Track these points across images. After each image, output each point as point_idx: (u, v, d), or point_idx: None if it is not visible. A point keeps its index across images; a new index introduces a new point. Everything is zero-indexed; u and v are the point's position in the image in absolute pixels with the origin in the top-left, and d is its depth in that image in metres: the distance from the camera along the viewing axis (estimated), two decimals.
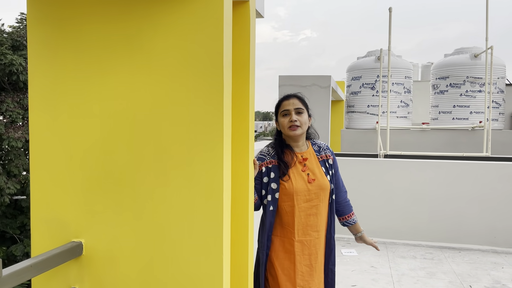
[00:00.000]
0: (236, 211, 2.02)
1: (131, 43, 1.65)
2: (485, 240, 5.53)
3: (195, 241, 1.65)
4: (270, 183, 2.20)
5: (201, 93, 1.61)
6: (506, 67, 8.43)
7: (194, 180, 1.63)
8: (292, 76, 7.47)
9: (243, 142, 2.00)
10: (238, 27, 1.91)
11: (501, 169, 5.51)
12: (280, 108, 2.29)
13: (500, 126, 8.10)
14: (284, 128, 2.25)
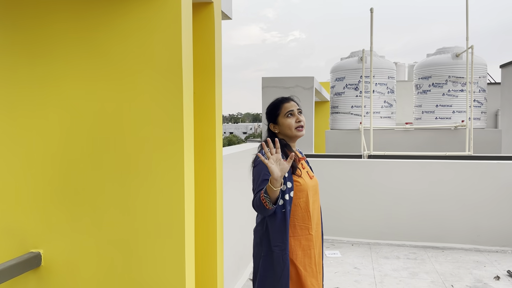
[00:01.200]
0: (202, 216, 1.98)
1: (86, 46, 1.60)
2: (468, 239, 5.56)
3: (157, 249, 1.61)
4: (285, 183, 2.16)
5: (160, 97, 1.57)
6: (488, 66, 8.51)
7: (155, 187, 1.59)
8: (275, 78, 7.44)
9: (209, 146, 1.96)
10: (201, 28, 1.87)
11: (483, 168, 5.54)
12: (281, 110, 2.29)
13: (483, 125, 8.17)
14: (290, 128, 2.26)
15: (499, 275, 4.50)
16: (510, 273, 4.51)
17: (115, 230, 1.61)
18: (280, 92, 7.42)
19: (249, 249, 4.89)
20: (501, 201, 5.45)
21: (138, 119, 1.57)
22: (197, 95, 1.93)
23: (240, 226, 4.55)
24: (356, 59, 8.18)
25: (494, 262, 4.94)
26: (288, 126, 2.26)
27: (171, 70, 1.53)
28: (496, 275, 4.50)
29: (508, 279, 4.42)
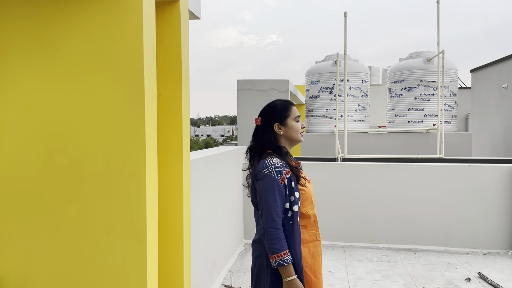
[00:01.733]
0: (167, 222, 1.90)
1: (43, 45, 1.51)
2: (439, 240, 5.63)
3: (117, 258, 1.52)
4: (293, 193, 2.12)
5: (120, 98, 1.49)
6: (458, 71, 8.71)
7: (114, 193, 1.50)
8: (250, 81, 7.40)
9: (175, 149, 1.88)
10: (167, 28, 1.79)
11: (453, 171, 5.63)
12: (292, 112, 2.26)
13: (453, 129, 8.34)
14: (296, 133, 2.25)
15: (470, 277, 4.56)
16: (481, 275, 4.58)
17: (71, 239, 1.52)
18: (255, 95, 7.37)
19: (223, 253, 4.83)
20: (471, 203, 5.55)
21: (95, 121, 1.49)
22: (163, 97, 1.85)
23: (214, 231, 4.47)
24: (331, 62, 8.22)
25: (465, 264, 5.02)
26: (297, 129, 2.25)
27: (132, 71, 1.46)
28: (467, 277, 4.56)
29: (479, 281, 4.48)
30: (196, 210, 3.84)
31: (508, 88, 8.37)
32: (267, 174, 2.07)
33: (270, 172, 2.07)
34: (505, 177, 5.49)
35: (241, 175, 5.92)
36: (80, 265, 1.55)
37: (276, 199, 2.04)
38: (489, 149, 9.33)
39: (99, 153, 1.52)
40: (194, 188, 3.75)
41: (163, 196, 1.94)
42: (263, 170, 2.09)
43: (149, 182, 1.51)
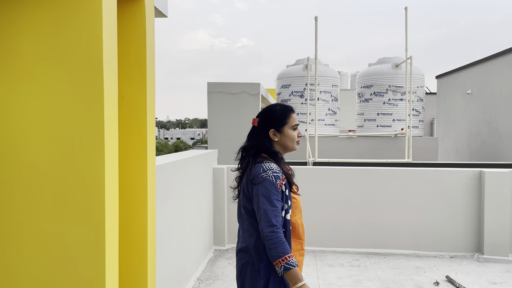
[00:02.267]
0: (130, 235, 1.77)
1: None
2: (408, 244, 5.68)
3: (73, 271, 1.39)
4: (287, 201, 2.10)
5: (77, 100, 1.36)
6: (425, 76, 8.90)
7: (68, 203, 1.37)
8: (221, 83, 7.29)
9: (139, 153, 1.75)
10: (130, 25, 1.67)
11: (421, 175, 5.71)
12: (290, 120, 2.21)
13: (420, 133, 8.50)
14: (292, 141, 2.21)
15: (438, 281, 4.60)
16: (449, 278, 4.63)
17: (20, 253, 1.37)
18: (226, 98, 7.27)
19: (191, 261, 4.69)
20: (438, 207, 5.64)
21: (48, 124, 1.35)
22: (126, 98, 1.73)
23: (182, 238, 4.33)
24: (302, 66, 8.23)
25: (433, 268, 5.07)
26: (292, 138, 2.20)
27: (90, 70, 1.34)
28: (436, 281, 4.60)
29: (447, 284, 4.53)
30: (164, 217, 3.69)
31: (472, 94, 8.62)
32: (266, 179, 2.03)
33: (268, 177, 2.03)
34: (471, 181, 5.61)
35: (211, 179, 5.80)
36: (30, 280, 1.41)
37: (275, 204, 2.00)
38: (454, 153, 9.58)
39: (52, 159, 1.38)
40: (161, 194, 3.61)
41: (126, 204, 1.81)
42: (261, 174, 2.04)
43: (109, 190, 1.39)
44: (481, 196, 5.54)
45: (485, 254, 5.47)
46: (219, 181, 5.88)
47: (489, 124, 7.89)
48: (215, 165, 6.07)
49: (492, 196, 5.45)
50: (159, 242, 3.58)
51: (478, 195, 5.59)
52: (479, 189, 5.59)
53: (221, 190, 5.88)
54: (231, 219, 5.99)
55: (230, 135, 7.24)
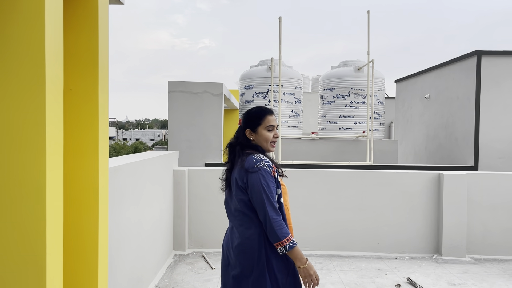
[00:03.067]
0: (78, 245, 1.58)
1: None
2: (369, 246, 5.71)
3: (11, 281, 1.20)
4: (280, 187, 2.32)
5: (14, 93, 1.17)
6: (386, 80, 9.07)
7: (4, 212, 1.18)
8: (183, 82, 7.07)
9: (89, 154, 1.57)
10: (80, 12, 1.49)
11: (382, 177, 5.75)
12: (265, 121, 2.35)
13: (381, 136, 8.64)
14: (267, 142, 2.35)
15: (399, 283, 4.62)
16: (410, 280, 4.66)
17: None
18: (187, 98, 7.06)
19: (150, 267, 4.47)
20: (399, 209, 5.70)
21: None
22: (75, 92, 1.54)
23: (140, 244, 4.10)
24: (265, 67, 8.15)
25: (394, 270, 5.10)
26: (266, 139, 2.34)
27: (30, 62, 1.15)
28: (397, 283, 4.62)
29: (408, 286, 4.56)
30: (120, 222, 3.47)
31: (430, 98, 8.85)
32: (261, 168, 2.21)
33: (262, 166, 2.22)
34: (430, 184, 5.71)
35: (171, 181, 5.58)
36: None
37: (272, 191, 2.19)
38: (412, 156, 9.81)
39: None
40: (117, 198, 3.38)
41: (73, 209, 1.62)
42: (256, 164, 2.22)
43: (51, 194, 1.21)
44: (440, 198, 5.65)
45: (443, 255, 5.58)
46: (180, 183, 5.68)
47: (446, 128, 8.12)
48: (176, 166, 5.86)
49: (450, 198, 5.57)
50: (115, 249, 3.35)
51: (437, 197, 5.70)
52: (438, 191, 5.69)
53: (182, 192, 5.68)
54: (192, 223, 5.80)
55: (191, 136, 7.03)
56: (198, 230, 5.81)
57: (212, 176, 5.82)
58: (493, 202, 5.69)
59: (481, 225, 5.69)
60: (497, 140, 7.18)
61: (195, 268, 5.10)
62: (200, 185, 5.81)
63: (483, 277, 4.86)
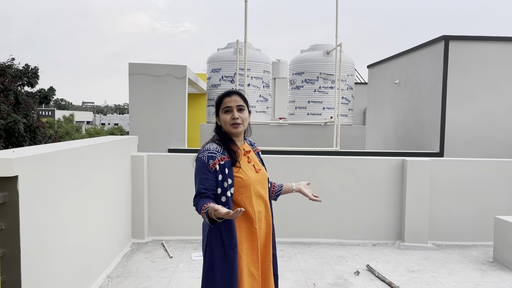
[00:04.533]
0: None
1: None
2: (333, 233, 5.64)
3: None
4: (226, 180, 2.24)
5: None
6: (359, 66, 8.97)
7: None
8: (144, 64, 6.80)
9: None
10: None
11: (346, 163, 5.66)
12: (221, 104, 2.35)
13: (350, 122, 8.55)
14: (226, 124, 2.32)
15: (359, 270, 4.56)
16: (369, 267, 4.61)
17: None
18: (149, 81, 6.79)
19: (100, 257, 4.27)
20: (363, 195, 5.64)
21: None
22: None
23: (87, 234, 3.89)
24: (232, 50, 7.91)
25: (355, 256, 5.05)
26: (224, 121, 2.32)
27: None
28: (356, 270, 4.55)
29: (367, 274, 4.50)
30: (58, 212, 3.25)
31: (400, 84, 8.80)
32: (200, 159, 2.26)
33: (202, 157, 2.25)
34: (394, 170, 5.65)
35: (129, 167, 5.36)
36: None
37: (202, 182, 2.21)
38: (382, 142, 9.80)
39: None
40: (53, 186, 3.16)
41: None
42: (199, 154, 2.28)
43: None
44: (404, 184, 5.61)
45: (405, 241, 5.56)
46: (138, 169, 5.46)
47: (414, 114, 8.10)
48: (135, 152, 5.63)
49: (413, 184, 5.53)
50: (53, 240, 3.15)
51: (400, 183, 5.65)
52: (402, 178, 5.65)
53: (141, 179, 5.47)
54: (152, 211, 5.61)
55: (153, 120, 6.79)
56: (158, 217, 5.63)
57: (174, 162, 5.63)
58: (455, 188, 5.68)
59: (444, 211, 5.68)
60: (463, 126, 7.18)
61: (152, 257, 4.93)
62: (161, 171, 5.60)
63: (443, 264, 4.85)
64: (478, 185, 5.68)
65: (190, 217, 5.59)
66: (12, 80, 16.62)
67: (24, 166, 2.70)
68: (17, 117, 14.74)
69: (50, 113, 54.38)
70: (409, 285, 4.20)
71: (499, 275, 4.52)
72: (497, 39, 7.15)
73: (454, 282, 4.32)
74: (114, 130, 50.48)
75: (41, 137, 16.36)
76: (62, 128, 34.40)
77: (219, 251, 2.24)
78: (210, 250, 2.26)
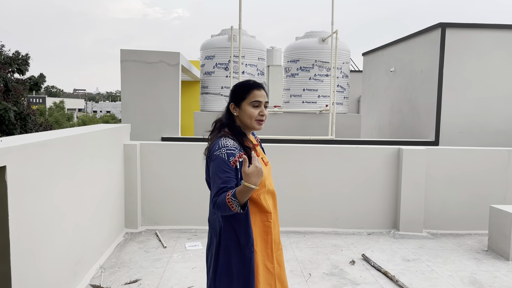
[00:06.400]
0: None
1: None
2: (328, 222, 5.61)
3: None
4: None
5: None
6: (354, 55, 8.86)
7: None
8: (136, 51, 6.66)
9: None
10: None
11: (342, 152, 5.61)
12: (249, 95, 2.18)
13: (345, 110, 8.49)
14: (251, 119, 2.18)
15: (354, 260, 4.54)
16: (365, 257, 4.59)
17: None
18: (142, 68, 6.66)
19: (93, 248, 4.20)
20: (358, 184, 5.60)
21: None
22: None
23: (80, 224, 3.82)
24: (226, 37, 7.76)
25: (350, 246, 5.03)
26: (250, 115, 2.18)
27: None
28: (352, 260, 4.53)
29: (363, 263, 4.48)
30: (49, 202, 3.17)
31: (395, 72, 8.73)
32: (218, 156, 2.08)
33: (221, 154, 2.08)
34: (389, 159, 5.61)
35: (121, 156, 5.27)
36: None
37: (225, 181, 2.03)
38: (377, 131, 9.77)
39: None
40: (44, 176, 3.07)
41: None
42: (216, 151, 2.09)
43: None
44: (399, 173, 5.58)
45: (400, 230, 5.55)
46: (131, 158, 5.37)
47: (409, 102, 8.05)
48: (127, 141, 5.53)
49: (408, 172, 5.50)
50: (43, 231, 3.07)
51: (396, 172, 5.62)
52: (397, 166, 5.61)
53: (134, 168, 5.38)
54: (145, 200, 5.53)
55: (146, 108, 6.68)
56: (152, 207, 5.56)
57: (167, 151, 5.54)
58: (451, 177, 5.66)
59: (439, 200, 5.67)
60: (459, 114, 7.15)
61: (146, 247, 4.87)
62: (154, 160, 5.52)
63: (438, 252, 4.85)
64: (474, 174, 5.66)
65: (184, 206, 5.53)
66: (1, 67, 16.33)
67: (12, 156, 2.61)
68: (7, 104, 14.52)
69: (41, 100, 53.77)
70: (404, 274, 4.19)
71: (494, 264, 4.52)
72: (494, 27, 7.09)
73: (449, 271, 4.31)
74: (108, 118, 50.12)
75: (31, 125, 16.15)
76: (52, 116, 33.95)
77: (236, 250, 2.15)
78: (227, 249, 2.16)
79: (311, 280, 4.05)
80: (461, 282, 4.03)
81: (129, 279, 3.97)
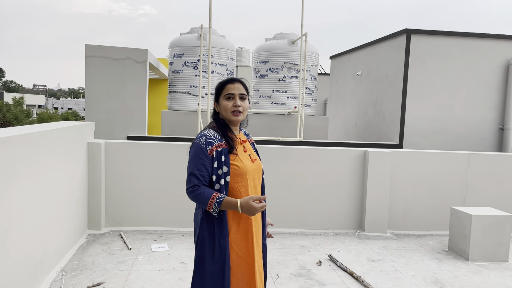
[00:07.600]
0: None
1: None
2: (295, 223, 5.64)
3: None
4: (221, 167, 2.21)
5: None
6: (320, 58, 8.97)
7: None
8: (102, 47, 6.46)
9: None
10: None
11: (309, 153, 5.65)
12: (223, 90, 2.31)
13: (313, 112, 8.58)
14: (226, 111, 2.28)
15: (321, 260, 4.58)
16: (331, 257, 4.64)
17: None
18: (108, 64, 6.47)
19: (54, 250, 4.03)
20: (324, 185, 5.66)
21: None
22: None
23: (39, 225, 3.65)
24: (196, 35, 7.67)
25: (317, 246, 5.07)
26: (225, 108, 2.28)
27: None
28: (319, 260, 4.57)
29: (329, 263, 4.52)
30: (8, 203, 3.01)
31: (361, 76, 8.91)
32: (197, 144, 2.22)
33: (200, 142, 2.21)
34: (356, 161, 5.70)
35: (85, 155, 5.09)
36: None
37: (199, 167, 2.17)
38: (343, 133, 9.93)
39: None
40: (3, 175, 2.92)
41: None
42: (196, 139, 2.24)
43: None
44: (365, 174, 5.68)
45: (366, 231, 5.65)
46: (95, 157, 5.20)
47: (375, 106, 8.23)
48: (91, 139, 5.35)
49: (374, 174, 5.61)
50: (3, 232, 2.91)
51: (362, 174, 5.72)
52: (363, 168, 5.71)
53: (98, 167, 5.21)
54: (110, 200, 5.37)
55: (112, 106, 6.49)
56: (117, 207, 5.40)
57: (133, 150, 5.40)
58: (414, 179, 5.82)
59: (402, 201, 5.81)
60: (422, 118, 7.37)
61: (109, 249, 4.73)
62: (119, 159, 5.37)
63: (401, 253, 4.97)
64: (435, 176, 5.84)
65: (150, 207, 5.41)
66: None
67: None
68: None
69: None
70: (370, 275, 4.26)
71: (454, 263, 4.68)
72: (457, 34, 7.36)
73: (412, 271, 4.42)
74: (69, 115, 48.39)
75: None
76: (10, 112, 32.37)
77: (211, 241, 2.23)
78: (202, 240, 2.25)
79: (279, 281, 4.05)
80: (423, 282, 4.14)
81: (92, 282, 3.84)
